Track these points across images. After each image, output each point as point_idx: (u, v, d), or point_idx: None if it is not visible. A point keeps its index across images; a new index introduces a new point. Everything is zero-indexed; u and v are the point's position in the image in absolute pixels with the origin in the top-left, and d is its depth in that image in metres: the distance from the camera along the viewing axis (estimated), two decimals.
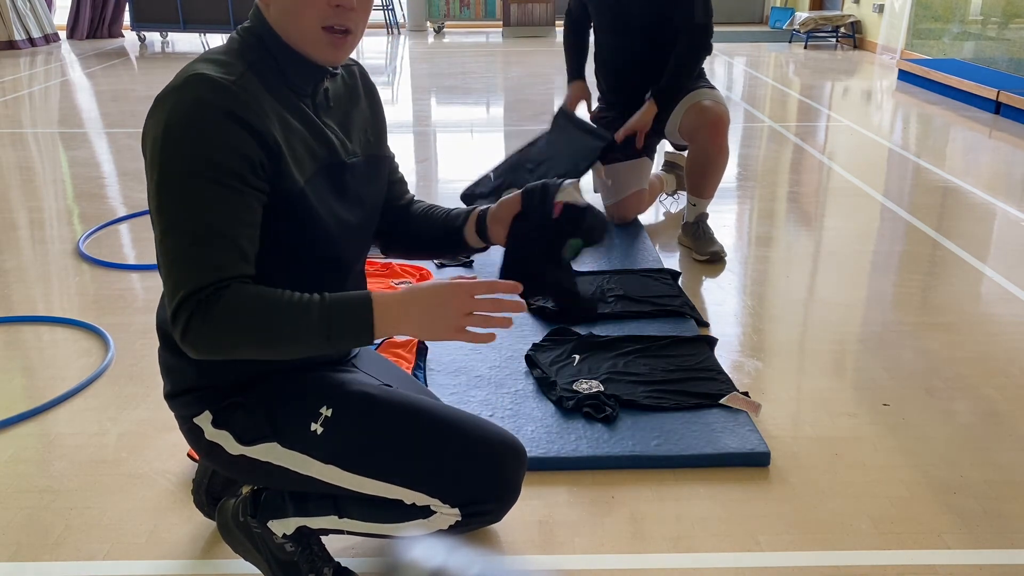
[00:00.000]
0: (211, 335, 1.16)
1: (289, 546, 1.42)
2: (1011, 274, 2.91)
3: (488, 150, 4.66)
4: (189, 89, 1.17)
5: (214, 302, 1.15)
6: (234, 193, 1.17)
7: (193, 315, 1.15)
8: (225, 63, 1.22)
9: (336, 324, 1.17)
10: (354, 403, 1.34)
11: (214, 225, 1.15)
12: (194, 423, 1.38)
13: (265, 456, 1.34)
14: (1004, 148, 4.66)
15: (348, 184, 1.35)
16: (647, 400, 2.04)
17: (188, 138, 1.15)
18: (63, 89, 6.55)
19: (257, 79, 1.23)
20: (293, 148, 1.25)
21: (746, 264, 3.02)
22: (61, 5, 9.75)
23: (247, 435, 1.34)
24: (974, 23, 6.82)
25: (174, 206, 1.16)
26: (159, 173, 1.16)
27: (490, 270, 2.92)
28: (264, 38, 1.26)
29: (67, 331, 2.52)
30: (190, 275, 1.15)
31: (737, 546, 1.61)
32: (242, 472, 1.39)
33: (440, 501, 1.29)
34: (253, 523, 1.43)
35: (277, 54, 1.26)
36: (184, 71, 1.21)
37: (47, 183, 4.03)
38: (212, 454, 1.39)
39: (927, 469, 1.85)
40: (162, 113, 1.18)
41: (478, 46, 9.29)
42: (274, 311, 1.16)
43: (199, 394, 1.36)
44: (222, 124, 1.16)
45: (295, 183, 1.24)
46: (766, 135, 4.96)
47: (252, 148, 1.18)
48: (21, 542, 1.63)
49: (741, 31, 10.05)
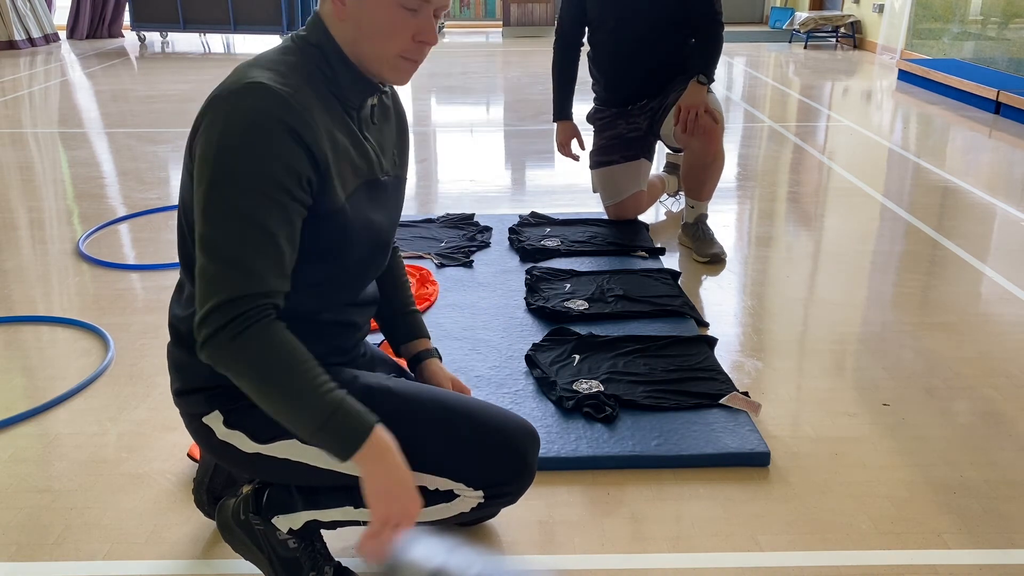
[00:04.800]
0: (232, 355, 1.16)
1: (292, 542, 1.42)
2: (1011, 274, 2.91)
3: (488, 150, 4.66)
4: (248, 96, 1.17)
5: (249, 325, 1.16)
6: (281, 208, 1.18)
7: (225, 327, 1.16)
8: (283, 72, 1.23)
9: (332, 426, 1.17)
10: (374, 395, 1.34)
11: (259, 236, 1.16)
12: (203, 423, 1.37)
13: (283, 453, 1.34)
14: (1004, 148, 4.66)
15: (380, 200, 1.38)
16: (647, 400, 2.04)
17: (244, 146, 1.16)
18: (63, 89, 6.55)
19: (312, 90, 1.25)
20: (339, 164, 1.27)
21: (746, 264, 3.02)
22: (61, 5, 9.76)
23: (263, 433, 1.34)
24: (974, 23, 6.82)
25: (222, 212, 1.17)
26: (212, 177, 1.17)
27: (491, 269, 2.92)
28: (325, 49, 1.28)
29: (67, 331, 2.52)
30: (228, 283, 1.16)
31: (737, 546, 1.61)
32: (257, 470, 1.38)
33: (464, 485, 1.31)
34: (256, 520, 1.42)
35: (337, 67, 1.28)
36: (241, 74, 1.22)
37: (47, 183, 4.03)
38: (223, 453, 1.38)
39: (927, 469, 1.85)
40: (220, 116, 1.18)
41: (478, 46, 9.29)
42: (295, 372, 1.17)
43: (210, 393, 1.35)
44: (277, 136, 1.17)
45: (337, 199, 1.27)
46: (766, 135, 4.96)
47: (302, 163, 1.19)
48: (21, 542, 1.63)
49: (741, 31, 10.05)
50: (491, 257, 3.06)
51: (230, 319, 1.15)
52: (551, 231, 3.26)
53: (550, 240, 3.16)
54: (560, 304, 2.59)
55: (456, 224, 3.36)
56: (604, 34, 3.18)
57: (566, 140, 3.33)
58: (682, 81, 3.06)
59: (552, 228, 3.30)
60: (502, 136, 5.01)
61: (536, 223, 3.36)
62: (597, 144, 3.35)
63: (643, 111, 3.23)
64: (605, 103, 3.32)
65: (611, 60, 3.21)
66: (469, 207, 3.65)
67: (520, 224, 3.34)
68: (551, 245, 3.10)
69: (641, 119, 3.24)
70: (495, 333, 2.45)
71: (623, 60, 3.18)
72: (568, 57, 3.31)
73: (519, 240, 3.15)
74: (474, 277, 2.87)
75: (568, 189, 3.91)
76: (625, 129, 3.27)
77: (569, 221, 3.37)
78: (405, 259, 2.99)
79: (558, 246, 3.09)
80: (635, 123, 3.25)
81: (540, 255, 3.03)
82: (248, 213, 1.16)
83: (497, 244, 3.18)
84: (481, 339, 2.41)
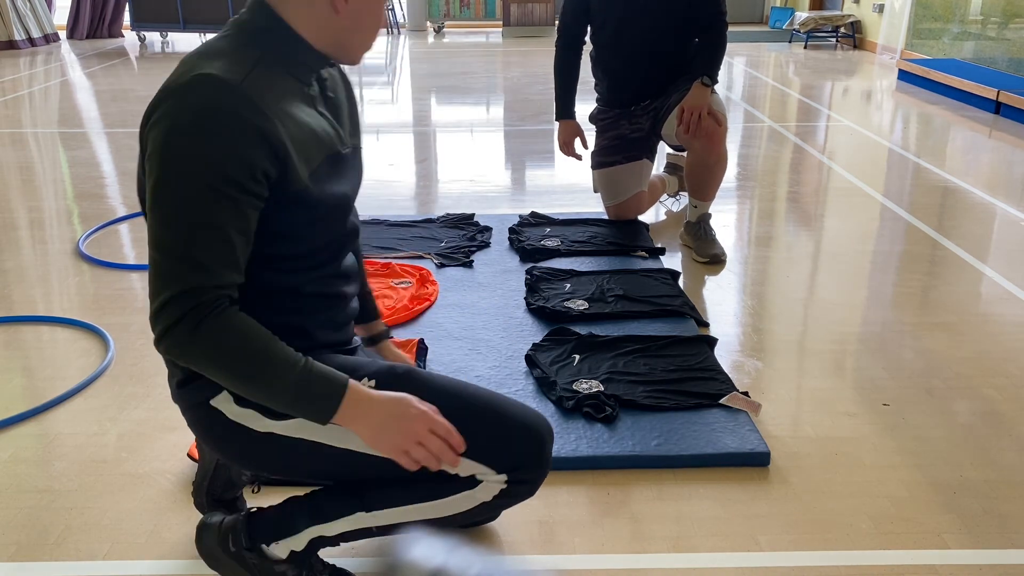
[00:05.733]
0: (193, 346, 1.17)
1: (291, 571, 1.38)
2: (1011, 274, 2.91)
3: (488, 150, 4.66)
4: (196, 89, 1.16)
5: (204, 316, 1.16)
6: (231, 201, 1.17)
7: (181, 320, 1.16)
8: (234, 59, 1.22)
9: (304, 392, 1.19)
10: (398, 376, 1.33)
11: (207, 233, 1.16)
12: (212, 406, 1.31)
13: (297, 432, 1.28)
14: (1004, 148, 4.66)
15: (343, 172, 1.38)
16: (647, 400, 2.04)
17: (193, 143, 1.15)
18: (63, 89, 6.55)
19: (265, 70, 1.23)
20: (300, 144, 1.26)
21: (746, 264, 3.02)
22: (61, 5, 9.75)
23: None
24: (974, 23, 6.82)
25: (172, 208, 1.16)
26: (160, 171, 1.16)
27: (491, 269, 2.92)
28: (275, 31, 1.26)
29: (67, 331, 2.52)
30: (179, 277, 1.16)
31: (737, 546, 1.61)
32: (266, 457, 1.32)
33: (489, 468, 1.29)
34: (250, 556, 1.37)
35: (290, 45, 1.27)
36: (188, 66, 1.20)
37: (47, 183, 4.03)
38: (232, 440, 1.32)
39: (927, 469, 1.85)
40: (168, 109, 1.17)
41: (478, 46, 9.29)
42: (258, 352, 1.18)
43: None
44: (228, 130, 1.16)
45: (301, 180, 1.25)
46: (766, 135, 4.96)
47: (256, 154, 1.18)
48: (21, 542, 1.63)
49: (741, 31, 10.05)
50: (491, 257, 3.06)
51: (184, 312, 1.16)
52: (551, 231, 3.26)
53: (550, 240, 3.16)
54: (560, 304, 2.59)
55: (456, 224, 3.36)
56: (607, 34, 3.18)
57: (569, 139, 3.32)
58: (685, 81, 3.06)
59: (552, 228, 3.30)
60: (502, 136, 5.00)
61: (536, 223, 3.36)
62: (599, 144, 3.34)
63: (646, 111, 3.23)
64: (608, 103, 3.31)
65: (614, 60, 3.20)
66: (469, 207, 3.65)
67: (520, 224, 3.34)
68: (551, 245, 3.10)
69: (644, 120, 3.24)
70: (495, 333, 2.45)
71: (627, 60, 3.17)
72: (570, 56, 3.30)
73: (519, 240, 3.15)
74: (474, 277, 2.87)
75: (568, 189, 3.91)
76: (628, 130, 3.26)
77: (569, 221, 3.37)
78: (405, 259, 2.99)
79: (558, 246, 3.09)
80: (638, 124, 3.25)
81: (540, 255, 3.03)
82: (196, 209, 1.15)
83: (497, 244, 3.18)
84: (481, 339, 2.41)
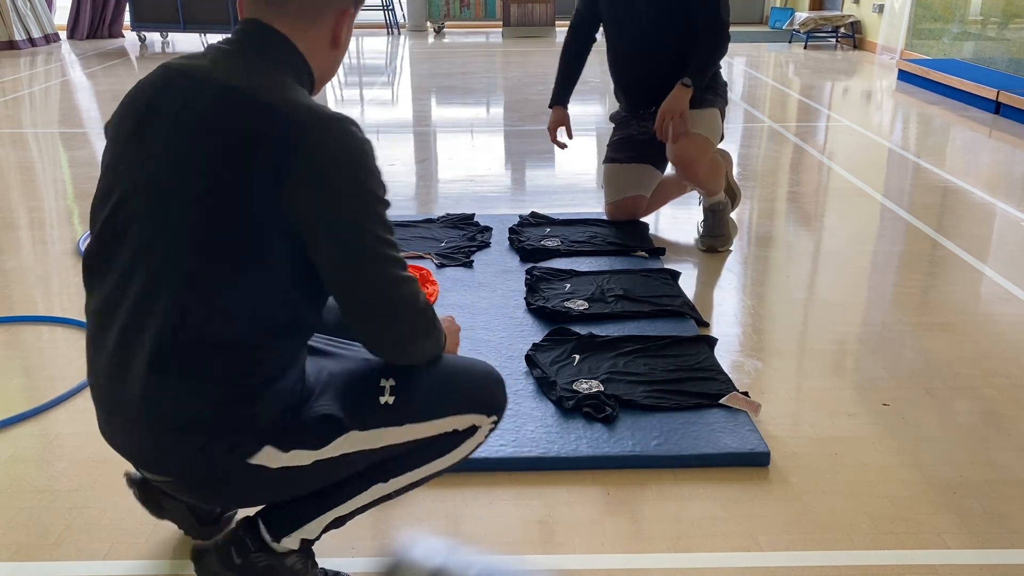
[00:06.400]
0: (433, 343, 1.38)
1: (299, 563, 1.39)
2: (1011, 274, 2.91)
3: (488, 150, 4.66)
4: (353, 125, 1.27)
5: (435, 316, 1.37)
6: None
7: (427, 322, 1.35)
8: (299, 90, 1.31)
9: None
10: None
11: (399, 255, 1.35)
12: (251, 464, 1.26)
13: (340, 449, 1.32)
14: (1004, 148, 4.66)
15: None
16: (647, 400, 2.04)
17: (376, 168, 1.28)
18: (63, 89, 6.55)
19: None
20: None
21: (746, 264, 3.02)
22: (61, 5, 9.75)
23: (323, 439, 1.30)
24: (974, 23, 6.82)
25: (377, 225, 1.28)
26: (366, 192, 1.26)
27: (491, 269, 2.92)
28: (295, 60, 1.33)
29: (67, 331, 2.52)
30: (406, 283, 1.32)
31: (737, 546, 1.61)
32: (306, 481, 1.33)
33: (483, 414, 1.44)
34: (259, 557, 1.36)
35: (303, 75, 1.35)
36: (302, 96, 1.25)
37: (47, 183, 4.03)
38: (275, 486, 1.32)
39: (927, 469, 1.85)
40: (349, 135, 1.24)
41: (478, 46, 9.29)
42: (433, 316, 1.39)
43: (254, 431, 1.26)
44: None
45: None
46: (766, 135, 4.96)
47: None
48: (21, 542, 1.63)
49: (741, 31, 10.05)
50: (491, 257, 3.06)
51: (422, 313, 1.34)
52: (551, 231, 3.26)
53: (550, 240, 3.16)
54: (560, 304, 2.59)
55: (456, 224, 3.36)
56: (611, 36, 3.23)
57: (554, 125, 3.34)
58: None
59: (552, 228, 3.30)
60: (502, 136, 5.01)
61: (536, 223, 3.36)
62: (610, 140, 3.37)
63: (653, 117, 3.23)
64: (620, 104, 3.37)
65: (617, 63, 3.25)
66: (469, 207, 3.65)
67: (520, 224, 3.34)
68: (551, 245, 3.10)
69: (650, 124, 3.24)
70: (495, 333, 2.45)
71: (628, 64, 3.21)
72: (576, 46, 3.34)
73: (519, 240, 3.15)
74: (474, 277, 2.87)
75: (568, 189, 3.91)
76: (636, 131, 3.28)
77: (569, 221, 3.37)
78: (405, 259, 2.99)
79: (558, 246, 3.09)
80: (645, 127, 3.25)
81: (540, 255, 3.03)
82: (390, 225, 1.32)
83: (497, 244, 3.18)
84: (481, 339, 2.41)
